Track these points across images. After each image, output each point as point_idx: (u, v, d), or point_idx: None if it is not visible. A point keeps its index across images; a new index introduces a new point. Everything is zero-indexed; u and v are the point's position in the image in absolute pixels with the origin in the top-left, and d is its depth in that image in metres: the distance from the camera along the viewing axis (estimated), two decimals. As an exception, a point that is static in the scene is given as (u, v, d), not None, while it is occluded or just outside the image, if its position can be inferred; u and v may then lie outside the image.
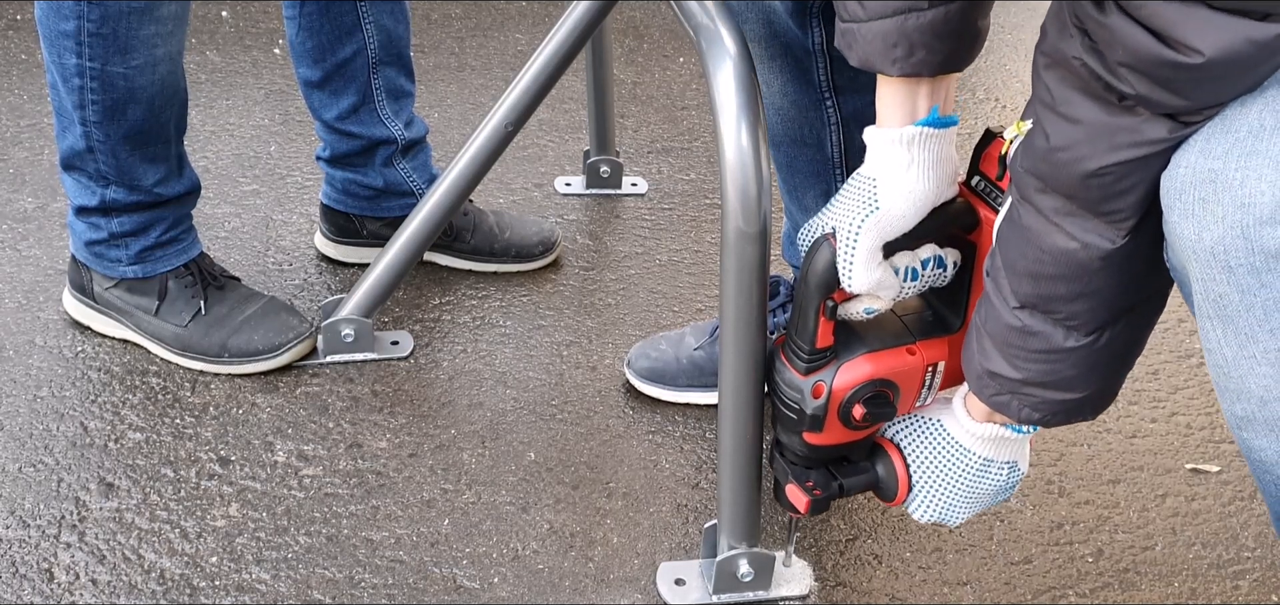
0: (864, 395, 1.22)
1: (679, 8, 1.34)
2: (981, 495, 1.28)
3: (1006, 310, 1.09)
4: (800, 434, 1.27)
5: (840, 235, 1.16)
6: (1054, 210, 1.00)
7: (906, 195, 1.14)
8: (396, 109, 1.95)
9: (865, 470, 1.31)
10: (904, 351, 1.24)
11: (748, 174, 1.26)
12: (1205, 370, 1.94)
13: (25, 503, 1.53)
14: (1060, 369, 1.09)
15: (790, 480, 1.31)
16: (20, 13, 2.85)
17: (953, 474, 1.26)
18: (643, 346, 1.80)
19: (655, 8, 3.12)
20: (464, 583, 1.47)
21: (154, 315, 1.77)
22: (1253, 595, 1.53)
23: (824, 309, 1.20)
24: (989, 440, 1.23)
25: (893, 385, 1.24)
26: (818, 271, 1.18)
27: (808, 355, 1.23)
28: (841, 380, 1.22)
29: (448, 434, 1.69)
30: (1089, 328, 1.06)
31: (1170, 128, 0.91)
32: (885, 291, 1.18)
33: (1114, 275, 1.02)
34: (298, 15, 1.86)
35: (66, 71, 1.61)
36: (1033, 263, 1.04)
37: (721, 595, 1.44)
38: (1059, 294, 1.04)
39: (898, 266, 1.19)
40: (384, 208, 1.99)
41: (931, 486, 1.27)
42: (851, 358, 1.23)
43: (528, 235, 2.04)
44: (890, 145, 1.14)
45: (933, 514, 1.29)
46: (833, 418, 1.24)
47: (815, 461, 1.30)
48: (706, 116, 2.62)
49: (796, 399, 1.25)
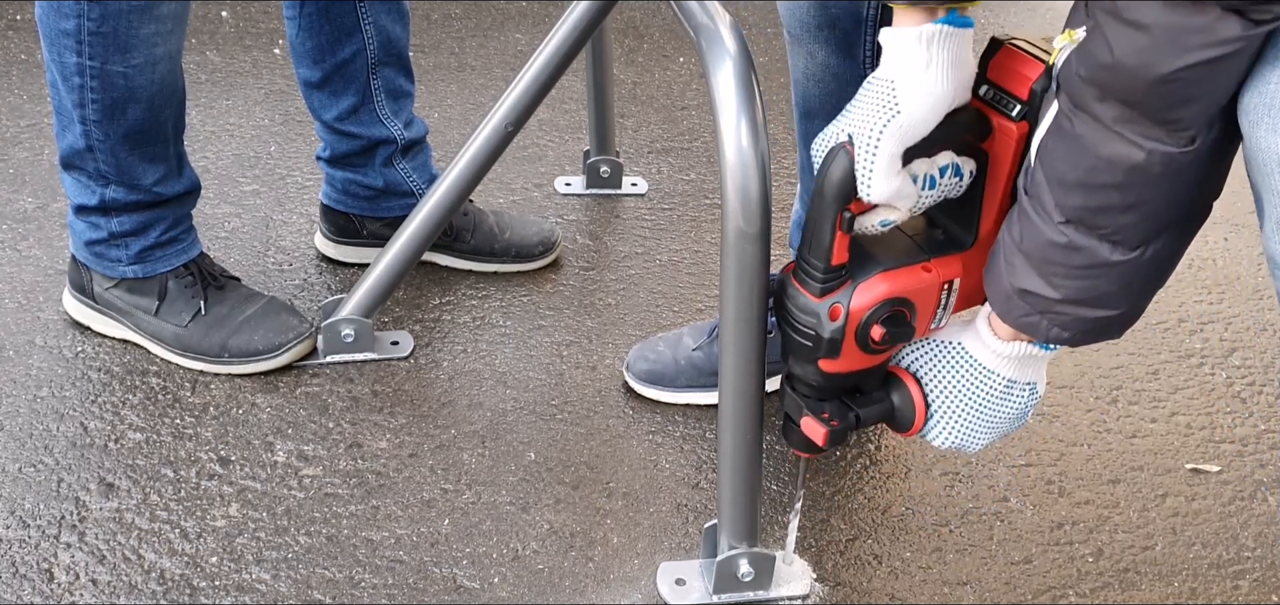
0: (882, 315, 1.19)
1: (679, 8, 1.34)
2: (1002, 420, 1.26)
3: (1049, 226, 1.07)
4: (816, 361, 1.23)
5: (858, 142, 1.13)
6: (1114, 118, 0.99)
7: (926, 96, 1.12)
8: (396, 109, 1.95)
9: (880, 400, 1.28)
10: (919, 269, 1.21)
11: (748, 174, 1.26)
12: (1205, 370, 1.94)
13: (25, 503, 1.53)
14: (1100, 285, 1.08)
15: (805, 413, 1.27)
16: (20, 13, 2.85)
17: (974, 397, 1.24)
18: (641, 349, 1.80)
19: (655, 8, 3.12)
20: (464, 583, 1.47)
21: (154, 315, 1.77)
22: (1253, 595, 1.53)
23: (841, 222, 1.16)
24: (1015, 359, 1.21)
25: (910, 304, 1.21)
26: (834, 181, 1.14)
27: (823, 274, 1.19)
28: (858, 301, 1.19)
29: (448, 434, 1.69)
30: (1135, 242, 1.05)
31: (1242, 25, 0.90)
32: (903, 201, 1.16)
33: (1170, 185, 1.01)
34: (298, 16, 1.86)
35: (66, 70, 1.61)
36: (1086, 173, 1.02)
37: (721, 595, 1.44)
38: (1111, 204, 1.03)
39: (915, 174, 1.16)
40: (384, 208, 1.99)
41: (951, 411, 1.25)
42: (867, 277, 1.19)
43: (528, 235, 2.04)
44: (909, 44, 1.12)
45: (952, 440, 1.26)
46: (850, 341, 1.21)
47: (830, 392, 1.27)
48: (706, 116, 2.62)
49: (812, 323, 1.21)
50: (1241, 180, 1.03)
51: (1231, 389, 1.90)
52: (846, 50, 1.50)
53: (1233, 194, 1.10)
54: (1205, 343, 2.01)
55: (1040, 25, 3.17)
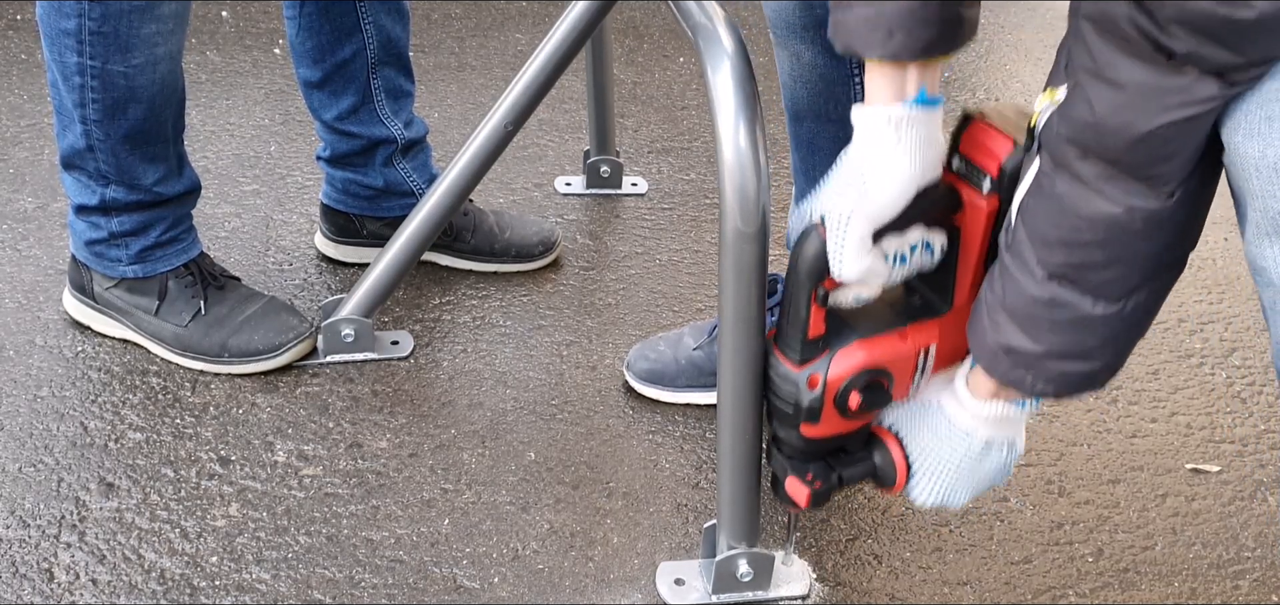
0: (859, 383, 1.22)
1: (678, 8, 1.34)
2: (982, 477, 1.28)
3: (1032, 283, 1.09)
4: (797, 427, 1.27)
5: (830, 223, 1.15)
6: (1096, 176, 1.00)
7: (895, 178, 1.14)
8: (396, 109, 1.95)
9: (863, 459, 1.31)
10: (896, 337, 1.24)
11: (746, 174, 1.26)
12: (1205, 370, 1.94)
13: (25, 503, 1.53)
14: (1084, 339, 1.10)
15: (789, 474, 1.30)
16: (20, 13, 2.85)
17: (953, 458, 1.25)
18: (641, 348, 1.80)
19: (655, 8, 3.12)
20: (464, 583, 1.47)
21: (154, 315, 1.77)
22: (1253, 595, 1.53)
23: (815, 297, 1.20)
24: (991, 420, 1.23)
25: (887, 372, 1.24)
26: (808, 260, 1.18)
27: (801, 346, 1.23)
28: (836, 370, 1.22)
29: (448, 434, 1.69)
30: (1117, 295, 1.07)
31: (1219, 86, 0.91)
32: (875, 278, 1.19)
33: (1150, 239, 1.03)
34: (297, 15, 1.87)
35: (67, 70, 1.61)
36: (1068, 231, 1.04)
37: (721, 595, 1.44)
38: (1094, 261, 1.05)
39: (887, 252, 1.19)
40: (384, 208, 1.99)
41: (932, 471, 1.27)
42: (844, 346, 1.22)
43: (528, 235, 2.04)
44: (878, 126, 1.14)
45: (934, 498, 1.28)
46: (829, 408, 1.24)
47: (813, 454, 1.30)
48: (706, 116, 2.62)
49: (792, 392, 1.25)
50: (1241, 180, 1.04)
51: (1231, 389, 1.90)
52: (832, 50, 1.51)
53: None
54: (1205, 343, 2.01)
55: (1040, 24, 3.17)
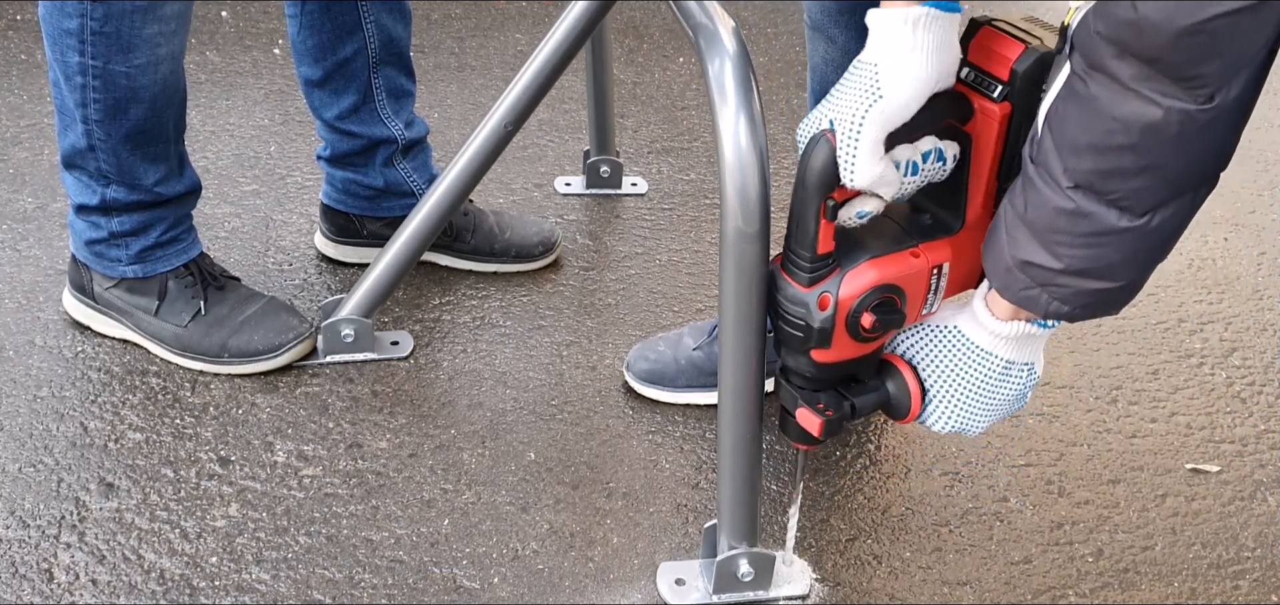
0: (871, 302, 1.19)
1: (678, 7, 1.34)
2: (1001, 402, 1.25)
3: (1057, 193, 1.06)
4: (807, 353, 1.23)
5: (840, 128, 1.12)
6: (1132, 77, 0.98)
7: (910, 80, 1.11)
8: (397, 109, 1.95)
9: (876, 388, 1.27)
10: (908, 255, 1.20)
11: (747, 174, 1.26)
12: (1205, 370, 1.94)
13: (25, 503, 1.53)
14: (1105, 254, 1.08)
15: (800, 405, 1.26)
16: (20, 13, 2.85)
17: (972, 380, 1.23)
18: (641, 348, 1.80)
19: (655, 8, 3.12)
20: (464, 583, 1.47)
21: (154, 315, 1.77)
22: (1253, 595, 1.53)
23: (824, 210, 1.15)
24: (1013, 339, 1.20)
25: (899, 291, 1.20)
26: (816, 169, 1.14)
27: (810, 265, 1.19)
28: (847, 289, 1.19)
29: (448, 434, 1.69)
30: (1143, 208, 1.05)
31: None
32: (886, 187, 1.15)
33: (1184, 146, 1.00)
34: (299, 14, 1.87)
35: (69, 70, 1.61)
36: (1099, 135, 1.02)
37: (721, 595, 1.44)
38: (1124, 167, 1.02)
39: (898, 160, 1.15)
40: (384, 208, 1.99)
41: (949, 395, 1.24)
42: (855, 265, 1.19)
43: (528, 235, 2.04)
44: (895, 26, 1.11)
45: (951, 424, 1.25)
46: (841, 330, 1.20)
47: (824, 382, 1.26)
48: (706, 116, 2.62)
49: (802, 314, 1.21)
50: (1241, 181, 1.04)
51: (1231, 389, 1.90)
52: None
53: (1232, 194, 1.11)
54: (1205, 343, 2.01)
55: None
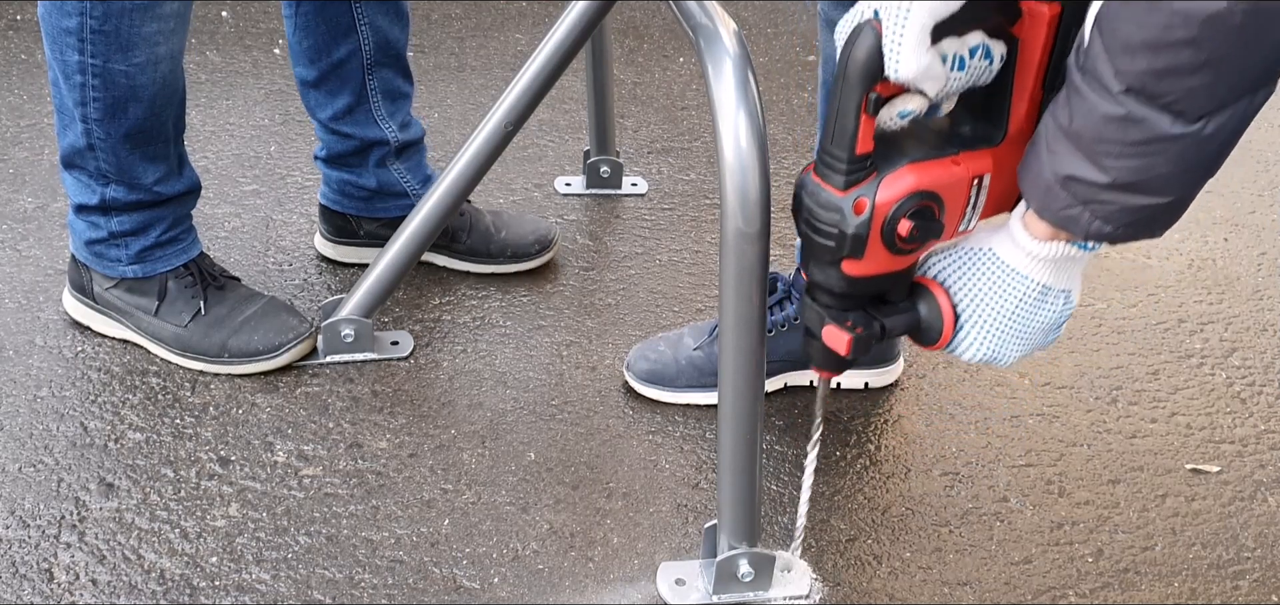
0: (909, 208, 1.13)
1: (678, 8, 1.34)
2: (1035, 330, 1.20)
3: (1106, 99, 1.03)
4: (838, 263, 1.17)
5: (887, 17, 1.07)
6: None
7: None
8: (392, 110, 1.94)
9: (906, 310, 1.22)
10: (948, 162, 1.15)
11: (747, 174, 1.26)
12: (1205, 370, 1.94)
13: (25, 503, 1.53)
14: (1155, 164, 1.04)
15: (827, 321, 1.21)
16: (20, 13, 2.85)
17: (1007, 304, 1.18)
18: (641, 348, 1.80)
19: (655, 8, 3.12)
20: (464, 583, 1.47)
21: (154, 315, 1.77)
22: (1253, 595, 1.53)
23: (866, 105, 1.10)
24: (1051, 262, 1.16)
25: (938, 198, 1.15)
26: (859, 60, 1.08)
27: (847, 166, 1.13)
28: (884, 193, 1.13)
29: (448, 434, 1.69)
30: (1198, 111, 1.01)
31: None
32: (931, 82, 1.10)
33: (1247, 40, 0.97)
34: (294, 15, 1.87)
35: (68, 68, 1.61)
36: (1157, 31, 0.98)
37: (721, 595, 1.44)
38: (1181, 64, 0.99)
39: (944, 53, 1.10)
40: (379, 208, 1.99)
41: (982, 320, 1.19)
42: (893, 169, 1.13)
43: (524, 234, 2.04)
44: None
45: (983, 351, 1.21)
46: (875, 238, 1.15)
47: (853, 299, 1.21)
48: (706, 116, 2.62)
49: (835, 220, 1.15)
50: (1241, 182, 1.03)
51: (1231, 389, 1.90)
52: None
53: (1232, 194, 1.11)
54: (1205, 343, 2.01)
55: None
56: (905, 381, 1.86)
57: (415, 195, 1.97)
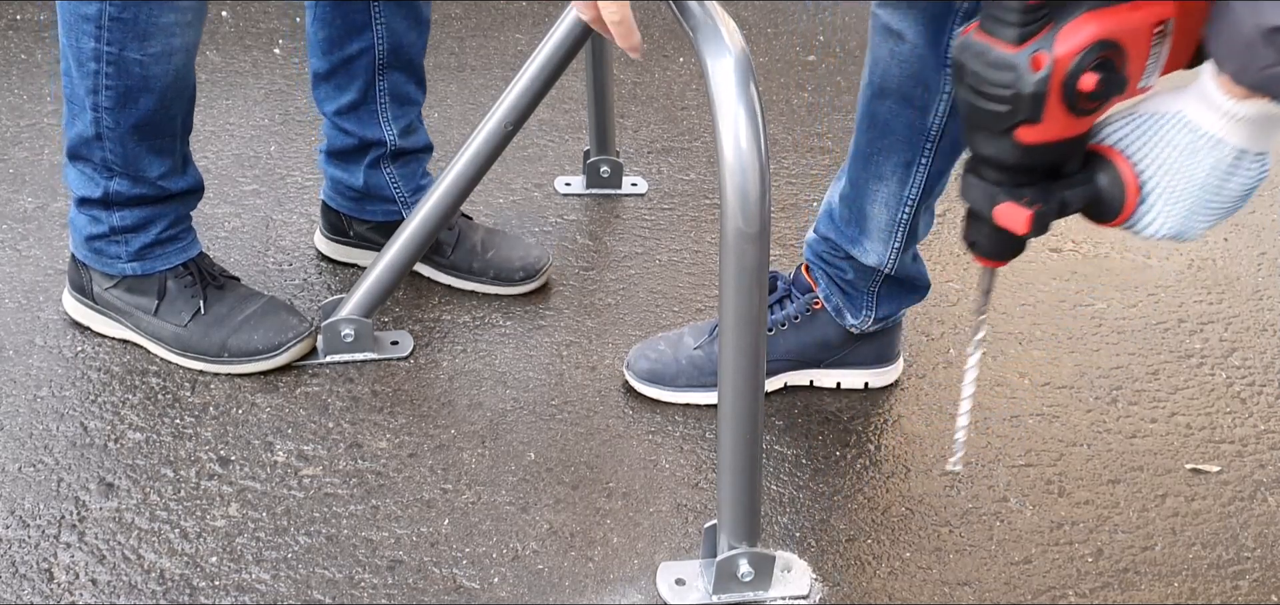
0: (1091, 60, 1.03)
1: (678, 7, 1.34)
2: (1227, 199, 1.10)
3: None
4: (1012, 132, 1.06)
5: None
6: None
7: None
8: (397, 114, 1.94)
9: (1084, 181, 1.11)
10: (1127, 7, 1.04)
11: (747, 174, 1.26)
12: (1205, 370, 1.94)
13: (25, 503, 1.53)
14: None
15: (1001, 199, 1.10)
16: (20, 13, 2.86)
17: (1199, 172, 1.08)
18: (641, 348, 1.80)
19: (655, 8, 3.12)
20: (464, 583, 1.47)
21: (153, 315, 1.77)
22: (1253, 595, 1.53)
23: None
24: (1251, 122, 1.05)
25: (1120, 49, 1.04)
26: None
27: (1021, 17, 1.03)
28: (1063, 45, 1.03)
29: (448, 434, 1.69)
30: None
31: None
32: None
33: None
34: (314, 6, 1.88)
35: (82, 56, 1.61)
36: None
37: (721, 595, 1.44)
38: None
39: None
40: (368, 210, 1.99)
41: (1171, 191, 1.09)
42: (1070, 17, 1.03)
43: (511, 257, 1.99)
44: None
45: (1171, 225, 1.11)
46: (1054, 98, 1.04)
47: (1027, 172, 1.10)
48: (706, 116, 2.62)
49: (1009, 80, 1.04)
50: (1241, 180, 1.03)
51: (1231, 389, 1.90)
52: (934, 36, 1.51)
53: (1232, 194, 1.10)
54: (1205, 343, 2.01)
55: None
56: (905, 381, 1.86)
57: (403, 203, 1.95)
